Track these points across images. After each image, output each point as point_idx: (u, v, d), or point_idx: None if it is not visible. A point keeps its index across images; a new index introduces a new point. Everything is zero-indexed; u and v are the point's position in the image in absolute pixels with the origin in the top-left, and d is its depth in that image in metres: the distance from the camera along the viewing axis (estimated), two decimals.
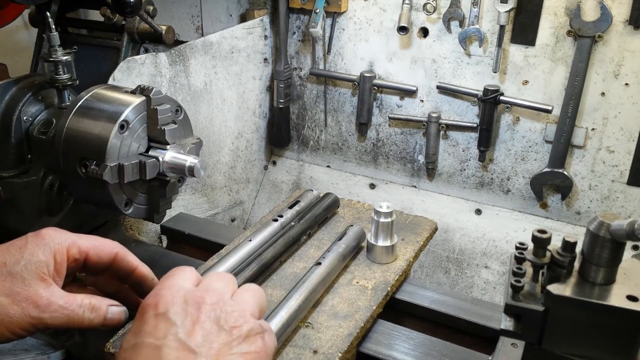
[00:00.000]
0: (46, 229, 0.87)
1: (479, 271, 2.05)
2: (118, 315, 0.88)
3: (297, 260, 1.24)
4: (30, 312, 0.79)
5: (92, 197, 1.14)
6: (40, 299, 0.80)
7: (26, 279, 0.80)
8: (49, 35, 1.25)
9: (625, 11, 1.71)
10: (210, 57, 1.91)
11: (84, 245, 0.88)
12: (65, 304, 0.82)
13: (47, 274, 0.82)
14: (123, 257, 0.92)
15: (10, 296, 0.78)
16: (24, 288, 0.80)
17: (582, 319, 0.76)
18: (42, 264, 0.82)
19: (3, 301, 0.78)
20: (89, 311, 0.84)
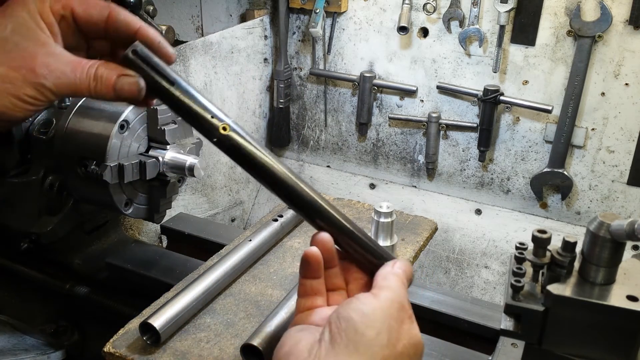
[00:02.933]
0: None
1: (479, 271, 2.05)
2: (128, 86, 0.73)
3: (297, 260, 1.24)
4: (31, 78, 0.70)
5: (92, 197, 1.14)
6: (40, 63, 0.70)
7: (19, 43, 0.70)
8: None
9: (625, 11, 1.71)
10: (210, 57, 1.91)
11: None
12: (70, 71, 0.72)
13: (42, 35, 0.71)
14: (118, 14, 0.76)
15: (5, 64, 0.69)
16: (19, 54, 0.70)
17: (582, 319, 0.76)
18: (28, 22, 0.71)
19: (2, 71, 0.69)
20: (94, 82, 0.73)
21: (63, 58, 0.72)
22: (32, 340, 1.32)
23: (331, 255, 0.81)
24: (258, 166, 0.75)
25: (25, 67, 0.69)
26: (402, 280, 0.78)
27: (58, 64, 0.71)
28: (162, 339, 0.96)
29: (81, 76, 0.72)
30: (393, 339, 0.71)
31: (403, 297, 0.76)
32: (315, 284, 0.81)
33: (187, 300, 1.02)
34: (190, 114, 0.72)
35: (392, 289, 0.76)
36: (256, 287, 1.14)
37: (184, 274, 1.17)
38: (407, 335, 0.73)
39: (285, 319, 0.98)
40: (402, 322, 0.74)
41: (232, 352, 0.96)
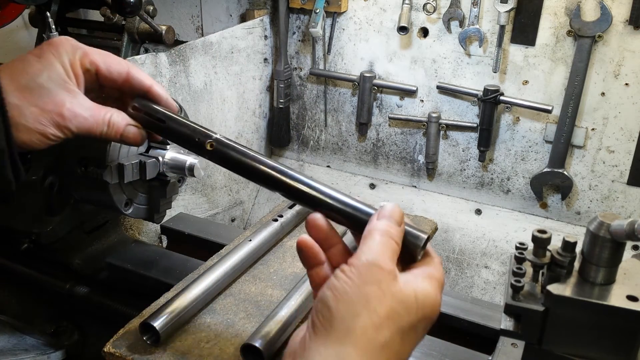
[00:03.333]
0: (58, 38, 0.86)
1: (479, 271, 2.05)
2: (133, 135, 0.89)
3: (297, 260, 1.24)
4: (60, 125, 0.82)
5: (92, 197, 1.14)
6: (67, 110, 0.82)
7: (52, 90, 0.82)
8: (49, 35, 1.25)
9: (625, 11, 1.71)
10: (210, 57, 1.91)
11: (95, 57, 0.88)
12: (90, 117, 0.85)
13: (71, 84, 0.84)
14: (135, 75, 0.90)
15: (40, 109, 0.81)
16: (51, 100, 0.82)
17: (582, 319, 0.76)
18: (62, 73, 0.83)
19: (34, 111, 0.80)
20: (106, 127, 0.87)
21: (85, 105, 0.85)
22: (32, 340, 1.32)
23: (326, 234, 0.79)
24: (244, 168, 0.87)
25: (55, 111, 0.81)
26: (385, 231, 0.73)
27: (81, 110, 0.84)
28: (162, 339, 0.96)
29: (97, 122, 0.86)
30: (372, 305, 0.68)
31: (376, 253, 0.71)
32: (320, 271, 0.79)
33: (187, 300, 1.02)
34: (181, 140, 0.89)
35: (367, 249, 0.72)
36: (256, 287, 1.14)
37: (184, 274, 1.17)
38: (390, 295, 0.69)
39: (285, 319, 0.98)
40: (380, 281, 0.69)
41: (232, 352, 0.96)
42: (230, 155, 0.88)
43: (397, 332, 0.68)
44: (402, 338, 0.69)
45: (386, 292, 0.69)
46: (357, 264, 0.71)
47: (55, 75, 0.83)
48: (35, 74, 0.82)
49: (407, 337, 0.70)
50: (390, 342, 0.67)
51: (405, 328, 0.69)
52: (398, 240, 0.74)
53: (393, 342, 0.68)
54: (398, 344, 0.68)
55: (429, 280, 0.74)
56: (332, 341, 0.66)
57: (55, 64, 0.83)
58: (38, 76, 0.82)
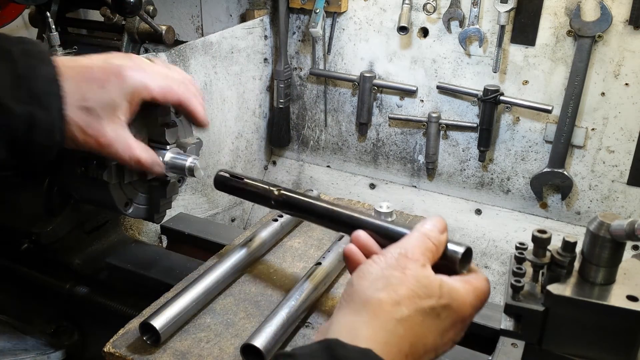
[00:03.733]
0: (125, 66, 0.92)
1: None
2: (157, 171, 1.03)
3: (297, 260, 1.24)
4: (93, 146, 0.91)
5: (92, 197, 1.14)
6: (104, 139, 0.91)
7: (101, 117, 0.89)
8: (49, 35, 1.25)
9: (625, 11, 1.71)
10: (210, 57, 1.91)
11: (155, 91, 0.95)
12: (120, 150, 0.93)
13: (119, 115, 0.91)
14: (187, 105, 1.00)
15: (82, 128, 0.88)
16: (96, 126, 0.89)
17: (582, 319, 0.76)
18: (117, 106, 0.90)
19: (75, 130, 0.88)
20: (135, 163, 0.96)
21: (122, 139, 0.93)
22: (32, 340, 1.32)
23: (369, 248, 0.85)
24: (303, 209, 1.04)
25: (95, 136, 0.90)
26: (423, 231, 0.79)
27: (117, 143, 0.92)
28: (162, 339, 0.96)
29: (126, 156, 0.95)
30: (393, 284, 0.71)
31: (408, 245, 0.77)
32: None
33: (187, 300, 1.02)
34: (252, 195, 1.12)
35: (401, 243, 0.78)
36: (256, 287, 1.14)
37: (184, 274, 1.17)
38: (413, 277, 0.72)
39: (285, 319, 0.98)
40: (405, 267, 0.73)
41: (232, 352, 0.96)
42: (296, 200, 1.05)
43: (417, 312, 0.70)
44: (422, 319, 0.71)
45: (409, 276, 0.72)
46: (386, 253, 0.77)
47: (109, 107, 0.90)
48: (94, 101, 0.88)
49: (428, 320, 0.71)
50: (408, 319, 0.69)
51: (426, 310, 0.71)
52: (436, 242, 0.79)
53: (411, 320, 0.70)
54: (417, 324, 0.70)
55: (463, 283, 0.77)
56: (351, 311, 0.71)
57: (114, 98, 0.90)
58: (95, 103, 0.88)
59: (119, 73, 0.91)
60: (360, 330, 0.68)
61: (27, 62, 0.84)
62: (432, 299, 0.72)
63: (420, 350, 0.71)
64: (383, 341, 0.68)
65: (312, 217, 1.02)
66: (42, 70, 0.85)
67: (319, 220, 1.02)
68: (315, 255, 1.25)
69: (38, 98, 0.83)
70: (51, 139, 0.86)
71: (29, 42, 0.87)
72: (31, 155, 0.87)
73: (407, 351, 0.69)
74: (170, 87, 0.97)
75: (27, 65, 0.84)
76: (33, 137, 0.84)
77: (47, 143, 0.86)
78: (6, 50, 0.84)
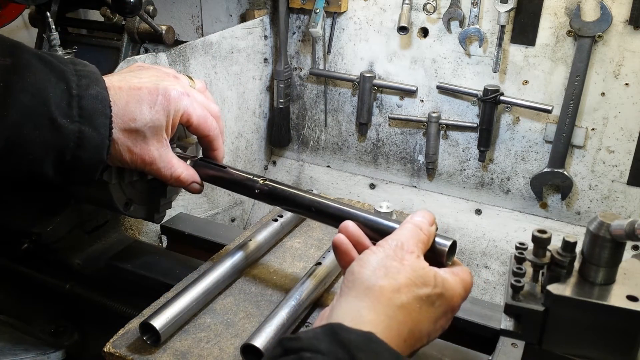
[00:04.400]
0: (173, 89, 0.97)
1: (479, 271, 2.05)
2: (194, 189, 1.08)
3: (297, 260, 1.24)
4: (138, 164, 0.97)
5: (92, 197, 1.14)
6: (149, 157, 0.97)
7: (147, 137, 0.95)
8: (49, 35, 1.25)
9: (625, 11, 1.71)
10: (210, 57, 1.91)
11: (193, 119, 1.01)
12: (162, 168, 1.00)
13: (163, 135, 0.97)
14: (213, 140, 1.07)
15: (129, 148, 0.94)
16: (142, 145, 0.95)
17: (582, 319, 0.76)
18: (162, 126, 0.96)
19: (122, 150, 0.94)
20: (175, 180, 1.02)
21: (165, 158, 1.00)
22: (32, 340, 1.32)
23: (357, 239, 0.89)
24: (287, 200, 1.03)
25: (140, 155, 0.96)
26: (415, 223, 0.84)
27: (160, 162, 0.99)
28: (162, 339, 0.96)
29: (168, 173, 1.01)
30: (392, 273, 0.76)
31: (403, 237, 0.82)
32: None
33: (187, 300, 1.02)
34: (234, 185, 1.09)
35: (396, 234, 0.83)
36: (256, 287, 1.14)
37: (184, 274, 1.17)
38: (410, 268, 0.77)
39: (285, 319, 0.98)
40: (402, 258, 0.78)
41: (232, 352, 0.96)
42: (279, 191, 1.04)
43: (415, 299, 0.75)
44: (419, 306, 0.76)
45: (407, 266, 0.77)
46: (384, 244, 0.81)
47: (155, 128, 0.95)
48: (141, 122, 0.94)
49: (425, 307, 0.76)
50: (408, 305, 0.74)
51: (423, 297, 0.76)
52: (427, 233, 0.84)
53: (411, 307, 0.75)
54: (415, 311, 0.75)
55: (452, 275, 0.82)
56: (353, 297, 0.75)
57: (160, 119, 0.95)
58: (142, 124, 0.94)
59: (166, 95, 0.96)
60: (363, 315, 0.72)
61: (80, 82, 0.88)
62: (428, 287, 0.77)
63: (416, 335, 0.75)
64: (384, 325, 0.71)
65: (299, 208, 1.02)
66: (93, 90, 0.89)
67: (306, 212, 1.02)
68: (315, 255, 1.25)
69: (89, 117, 0.87)
70: (97, 157, 0.90)
71: (80, 63, 0.92)
72: (76, 173, 0.90)
73: (405, 336, 0.73)
74: (206, 119, 1.03)
75: (80, 85, 0.88)
76: (80, 154, 0.88)
77: (92, 162, 0.90)
78: (60, 70, 0.88)
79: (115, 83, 0.93)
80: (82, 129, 0.87)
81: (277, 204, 1.06)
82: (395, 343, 0.71)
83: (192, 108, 1.00)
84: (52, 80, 0.86)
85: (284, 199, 1.03)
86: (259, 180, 1.05)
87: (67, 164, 0.88)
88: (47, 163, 0.87)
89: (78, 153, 0.87)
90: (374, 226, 0.91)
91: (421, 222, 0.85)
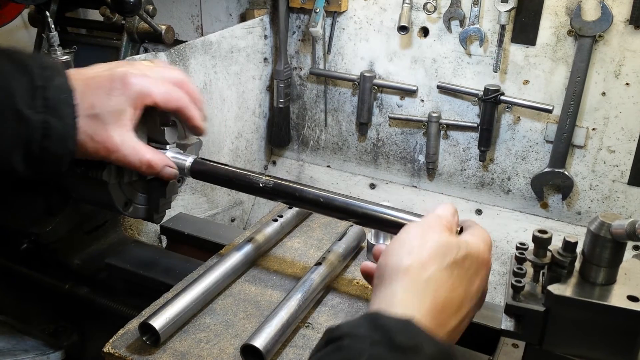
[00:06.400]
0: (129, 73, 0.96)
1: None
2: (168, 174, 1.04)
3: (297, 260, 1.24)
4: (101, 152, 0.94)
5: (92, 197, 1.14)
6: (112, 144, 0.94)
7: (107, 124, 0.93)
8: (48, 34, 1.25)
9: (625, 11, 1.71)
10: (210, 57, 1.91)
11: (157, 97, 0.98)
12: (128, 155, 0.96)
13: (125, 121, 0.95)
14: (185, 110, 1.02)
15: (90, 136, 0.92)
16: (103, 132, 0.93)
17: (582, 319, 0.75)
18: (122, 112, 0.94)
19: (84, 139, 0.92)
20: (146, 166, 0.99)
21: (130, 143, 0.96)
22: (31, 341, 1.32)
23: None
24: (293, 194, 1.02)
25: (103, 143, 0.93)
26: (433, 215, 0.85)
27: (124, 147, 0.95)
28: (161, 340, 0.96)
29: (136, 159, 0.98)
30: (416, 252, 0.77)
31: (424, 223, 0.83)
32: None
33: (187, 300, 1.02)
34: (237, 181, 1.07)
35: (414, 223, 0.84)
36: (256, 287, 1.14)
37: (184, 274, 1.17)
38: (431, 241, 0.78)
39: (285, 319, 0.97)
40: (423, 237, 0.79)
41: (232, 352, 0.96)
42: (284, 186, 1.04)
43: (443, 269, 0.76)
44: (449, 273, 0.76)
45: (429, 242, 0.78)
46: (404, 231, 0.82)
47: (115, 113, 0.93)
48: (100, 108, 0.92)
49: (455, 272, 0.77)
50: (435, 276, 0.75)
51: (450, 264, 0.76)
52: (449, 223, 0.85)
53: (439, 277, 0.75)
54: (445, 278, 0.76)
55: (471, 236, 0.83)
56: (383, 285, 0.76)
57: (120, 104, 0.94)
58: (101, 110, 0.92)
59: (123, 80, 0.94)
60: (394, 297, 0.73)
61: (43, 74, 0.88)
62: (452, 253, 0.77)
63: (455, 302, 0.76)
64: (417, 300, 0.73)
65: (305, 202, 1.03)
66: (57, 81, 0.89)
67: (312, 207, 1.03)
68: (315, 255, 1.25)
69: (53, 107, 0.87)
70: (65, 147, 0.89)
71: (43, 57, 0.94)
72: (45, 164, 0.90)
73: (441, 306, 0.74)
74: (169, 93, 1.00)
75: (43, 77, 0.88)
76: (47, 145, 0.88)
77: (60, 152, 0.89)
78: (23, 63, 0.88)
79: (74, 74, 0.93)
80: (47, 119, 0.87)
81: (281, 199, 1.05)
82: (431, 316, 0.72)
83: (153, 87, 0.98)
84: (16, 73, 0.87)
85: (289, 194, 1.02)
86: (263, 177, 1.05)
87: (35, 155, 0.88)
88: (16, 156, 0.87)
89: (45, 144, 0.87)
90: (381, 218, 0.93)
91: (443, 212, 0.86)
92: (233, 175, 1.08)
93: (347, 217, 1.01)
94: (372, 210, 0.94)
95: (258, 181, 1.04)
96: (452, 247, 0.78)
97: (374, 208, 0.94)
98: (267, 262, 1.22)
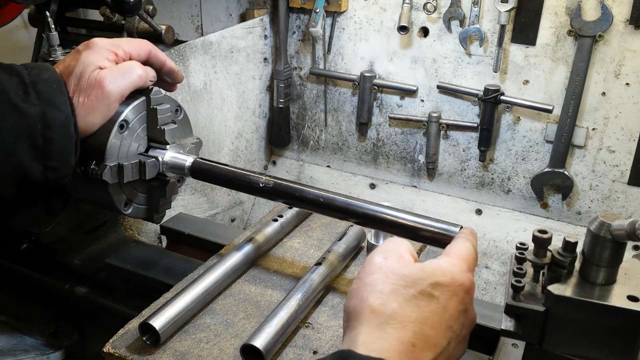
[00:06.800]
0: (93, 39, 1.03)
1: (480, 271, 2.05)
2: (153, 77, 1.10)
3: (297, 260, 1.24)
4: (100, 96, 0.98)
5: (92, 197, 1.14)
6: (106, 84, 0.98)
7: (88, 76, 0.97)
8: (48, 34, 1.25)
9: (625, 11, 1.71)
10: (210, 57, 1.91)
11: (127, 47, 1.05)
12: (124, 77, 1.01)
13: (104, 63, 1.00)
14: (155, 53, 1.10)
15: (77, 91, 0.96)
16: (89, 83, 0.97)
17: (582, 319, 0.75)
18: (95, 61, 0.99)
19: (82, 101, 0.96)
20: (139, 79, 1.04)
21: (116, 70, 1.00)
22: (31, 341, 1.32)
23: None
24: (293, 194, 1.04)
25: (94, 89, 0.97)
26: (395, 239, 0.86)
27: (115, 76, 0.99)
28: (161, 340, 0.96)
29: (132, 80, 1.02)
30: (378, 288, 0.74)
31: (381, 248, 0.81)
32: None
33: (187, 300, 1.01)
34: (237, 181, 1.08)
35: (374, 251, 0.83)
36: (256, 287, 1.14)
37: (184, 274, 1.17)
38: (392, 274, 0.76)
39: (285, 319, 0.97)
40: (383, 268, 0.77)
41: (232, 353, 0.96)
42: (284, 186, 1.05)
43: (406, 302, 0.73)
44: (414, 306, 0.72)
45: (388, 274, 0.75)
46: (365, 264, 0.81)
47: (90, 65, 0.98)
48: (76, 71, 0.97)
49: (423, 303, 0.73)
50: (399, 311, 0.72)
51: (415, 296, 0.73)
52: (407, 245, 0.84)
53: (403, 312, 0.72)
54: (410, 312, 0.72)
55: (444, 257, 0.81)
56: (350, 329, 0.74)
57: (88, 57, 0.99)
58: (78, 71, 0.97)
59: (86, 45, 1.02)
60: (357, 339, 0.70)
61: (31, 72, 0.93)
62: (417, 284, 0.74)
63: (429, 334, 0.71)
64: (381, 340, 0.69)
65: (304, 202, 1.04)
66: (45, 75, 0.93)
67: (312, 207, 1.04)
68: (315, 255, 1.25)
69: (47, 99, 0.91)
70: (67, 133, 0.92)
71: (28, 63, 0.98)
72: (51, 157, 0.92)
73: (411, 340, 0.69)
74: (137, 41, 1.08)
75: (31, 74, 0.92)
76: (50, 136, 0.91)
77: (64, 138, 0.92)
78: (9, 67, 0.93)
79: (59, 67, 0.99)
80: (44, 110, 0.90)
81: (281, 199, 1.06)
82: (402, 354, 0.68)
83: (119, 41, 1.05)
84: (4, 74, 0.91)
85: (289, 194, 1.03)
86: (263, 177, 1.06)
87: (41, 148, 0.90)
88: (21, 148, 0.89)
89: (48, 135, 0.90)
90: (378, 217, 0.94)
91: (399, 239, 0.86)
92: (233, 175, 1.08)
93: (347, 217, 1.01)
94: (372, 210, 0.94)
95: (258, 181, 1.04)
96: (415, 276, 0.74)
97: (374, 208, 0.94)
98: (267, 262, 1.22)
